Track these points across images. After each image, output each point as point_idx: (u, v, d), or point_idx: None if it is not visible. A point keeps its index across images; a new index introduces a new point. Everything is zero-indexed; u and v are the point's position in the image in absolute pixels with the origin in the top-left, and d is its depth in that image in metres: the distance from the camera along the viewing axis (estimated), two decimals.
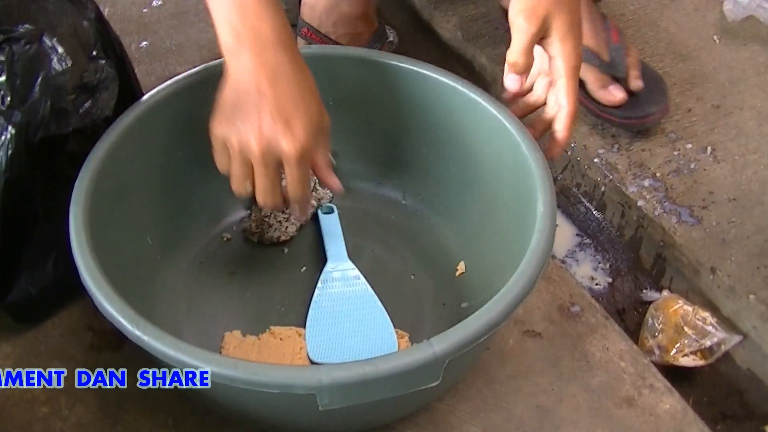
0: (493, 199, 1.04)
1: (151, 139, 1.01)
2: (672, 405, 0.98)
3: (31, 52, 0.94)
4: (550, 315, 1.07)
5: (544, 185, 0.91)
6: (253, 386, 0.75)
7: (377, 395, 0.77)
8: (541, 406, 0.98)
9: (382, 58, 1.08)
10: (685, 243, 1.15)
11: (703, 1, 1.52)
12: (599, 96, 1.27)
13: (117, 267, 0.88)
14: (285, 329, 1.00)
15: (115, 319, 0.80)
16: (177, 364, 0.77)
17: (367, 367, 0.75)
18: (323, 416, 0.80)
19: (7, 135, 0.92)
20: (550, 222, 0.88)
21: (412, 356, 0.76)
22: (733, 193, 1.21)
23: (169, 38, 1.50)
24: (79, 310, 1.06)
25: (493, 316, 0.79)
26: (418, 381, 0.78)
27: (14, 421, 0.96)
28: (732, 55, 1.42)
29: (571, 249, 1.29)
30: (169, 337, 0.78)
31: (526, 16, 0.92)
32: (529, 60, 0.95)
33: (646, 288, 1.22)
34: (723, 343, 1.10)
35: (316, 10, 1.37)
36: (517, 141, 0.96)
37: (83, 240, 0.86)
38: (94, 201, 0.90)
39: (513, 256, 0.89)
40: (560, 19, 0.93)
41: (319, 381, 0.74)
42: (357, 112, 1.11)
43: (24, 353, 1.02)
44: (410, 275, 1.08)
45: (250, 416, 0.88)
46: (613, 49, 1.26)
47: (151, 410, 0.96)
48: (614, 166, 1.25)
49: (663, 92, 1.29)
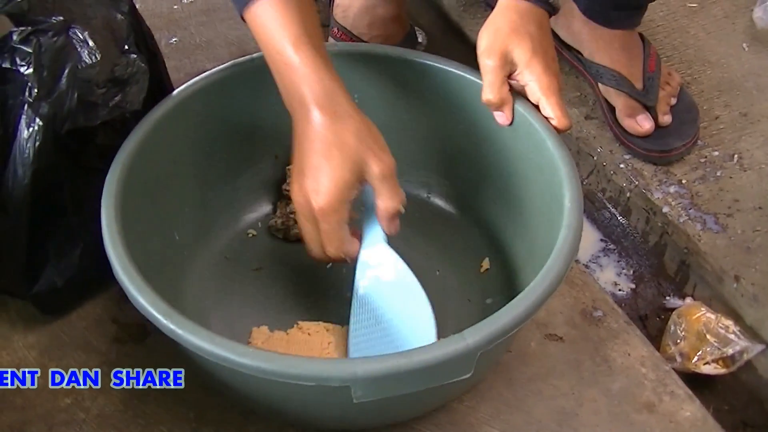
0: (518, 196, 1.05)
1: (180, 134, 1.02)
2: (692, 412, 0.98)
3: (59, 44, 0.95)
4: (573, 319, 1.07)
5: (570, 181, 0.91)
6: (288, 379, 0.75)
7: (410, 387, 0.78)
8: (561, 409, 0.98)
9: (410, 56, 1.09)
10: (709, 250, 1.15)
11: (732, 8, 1.51)
12: (626, 124, 1.26)
13: (145, 261, 0.88)
14: (313, 324, 1.01)
15: (149, 312, 0.81)
16: (212, 357, 0.77)
17: (401, 359, 0.75)
18: (354, 409, 0.80)
19: (34, 126, 0.93)
20: (578, 217, 0.88)
21: (445, 348, 0.76)
22: (759, 201, 1.20)
23: (198, 35, 1.51)
24: (103, 303, 1.07)
25: (523, 310, 0.80)
26: (450, 373, 0.79)
27: (37, 411, 0.96)
28: (761, 62, 1.41)
29: (594, 254, 1.28)
30: (204, 330, 0.78)
31: (486, 55, 0.97)
32: (501, 95, 0.98)
33: (669, 295, 1.22)
34: (745, 352, 1.10)
35: (350, 11, 1.37)
36: (543, 138, 0.96)
37: (115, 233, 0.87)
38: (125, 195, 0.91)
39: (539, 253, 0.90)
40: (520, 49, 0.96)
41: (353, 373, 0.75)
42: (383, 110, 1.10)
43: (48, 344, 1.03)
44: (435, 271, 1.09)
45: (280, 410, 0.89)
46: (648, 77, 1.25)
47: (172, 403, 0.97)
48: (640, 172, 1.25)
49: (693, 125, 1.27)
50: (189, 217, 1.06)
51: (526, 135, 0.99)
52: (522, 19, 0.97)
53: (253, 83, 1.06)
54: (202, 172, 1.07)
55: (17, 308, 1.05)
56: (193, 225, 1.07)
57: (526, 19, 0.98)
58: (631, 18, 1.27)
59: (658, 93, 1.25)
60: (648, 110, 1.25)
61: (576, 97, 1.36)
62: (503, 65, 0.97)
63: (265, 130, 1.11)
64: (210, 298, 1.05)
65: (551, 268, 0.84)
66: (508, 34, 0.96)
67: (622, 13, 1.26)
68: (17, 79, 0.94)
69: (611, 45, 1.27)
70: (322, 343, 0.99)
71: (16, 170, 0.94)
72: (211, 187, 1.09)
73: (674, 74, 1.30)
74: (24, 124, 0.93)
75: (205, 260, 1.08)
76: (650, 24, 1.47)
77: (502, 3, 1.00)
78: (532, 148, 0.98)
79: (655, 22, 1.48)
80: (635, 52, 1.27)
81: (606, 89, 1.28)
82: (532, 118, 0.98)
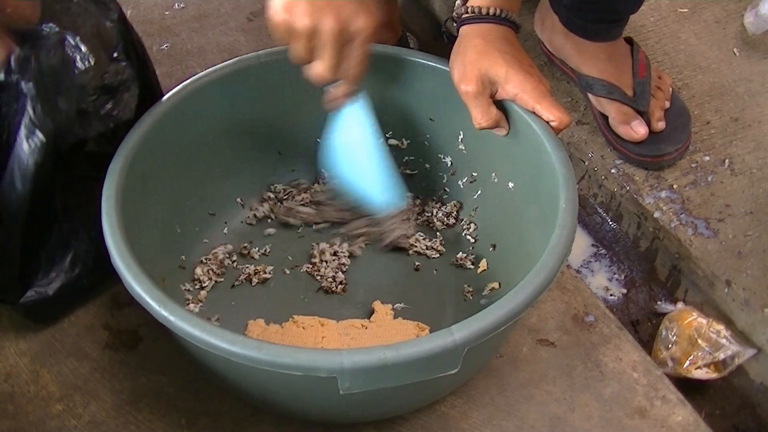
0: (515, 197, 1.06)
1: (180, 131, 1.04)
2: (684, 417, 0.98)
3: (56, 59, 0.95)
4: (564, 324, 1.07)
5: (566, 183, 0.92)
6: (276, 368, 0.76)
7: (397, 380, 0.79)
8: (554, 414, 0.98)
9: (413, 57, 1.10)
10: (700, 255, 1.15)
11: (723, 13, 1.51)
12: (620, 131, 1.26)
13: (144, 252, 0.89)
14: (308, 318, 1.02)
15: (143, 300, 0.82)
16: (204, 345, 0.78)
17: (388, 351, 0.76)
18: (342, 401, 0.81)
19: (36, 141, 0.93)
20: (572, 218, 0.89)
21: (433, 342, 0.77)
22: (750, 206, 1.20)
23: (190, 41, 1.51)
24: (95, 310, 1.07)
25: (512, 307, 0.81)
26: (437, 367, 0.79)
27: (29, 418, 0.96)
28: (752, 68, 1.41)
29: (586, 259, 1.29)
30: (195, 318, 0.79)
31: (464, 84, 0.99)
32: (492, 116, 1.00)
33: (660, 299, 1.22)
34: (737, 357, 1.10)
35: None
36: (541, 140, 0.97)
37: (114, 224, 0.88)
38: (125, 186, 0.92)
39: (533, 253, 0.91)
40: (494, 67, 0.98)
41: (340, 364, 0.76)
42: (389, 111, 1.13)
43: (40, 350, 1.03)
44: (433, 270, 1.11)
45: (273, 401, 0.90)
46: (638, 83, 1.25)
47: (164, 410, 0.97)
48: (631, 177, 1.25)
49: (685, 130, 1.27)
50: (190, 210, 1.08)
51: (525, 137, 1.00)
52: (486, 40, 0.99)
53: (255, 81, 1.08)
54: (204, 167, 1.09)
55: (9, 315, 1.05)
56: (194, 219, 1.09)
57: (490, 39, 1.00)
58: (611, 30, 1.27)
59: (649, 97, 1.25)
60: (641, 115, 1.25)
61: (567, 103, 1.36)
62: (483, 89, 0.98)
63: (267, 128, 1.13)
64: (207, 290, 1.07)
65: (542, 267, 0.84)
66: (477, 59, 0.98)
67: (602, 26, 1.25)
68: (16, 92, 0.94)
69: (597, 56, 1.27)
70: (316, 337, 1.00)
71: (14, 182, 0.94)
72: (212, 182, 1.11)
73: (665, 77, 1.30)
74: (23, 137, 0.93)
75: (204, 253, 1.10)
76: (641, 29, 1.47)
77: (463, 30, 1.02)
78: (529, 148, 0.99)
79: (646, 28, 1.48)
80: (623, 61, 1.27)
81: (597, 98, 1.28)
82: (530, 120, 0.99)
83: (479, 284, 1.08)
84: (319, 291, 1.08)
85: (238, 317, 1.03)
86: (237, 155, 1.12)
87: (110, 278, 0.94)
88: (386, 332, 1.02)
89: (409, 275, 1.10)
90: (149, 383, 1.00)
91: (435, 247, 1.13)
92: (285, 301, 1.06)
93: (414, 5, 1.67)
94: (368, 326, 1.02)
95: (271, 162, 1.16)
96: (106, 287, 1.08)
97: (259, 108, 1.10)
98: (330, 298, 1.07)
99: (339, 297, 1.07)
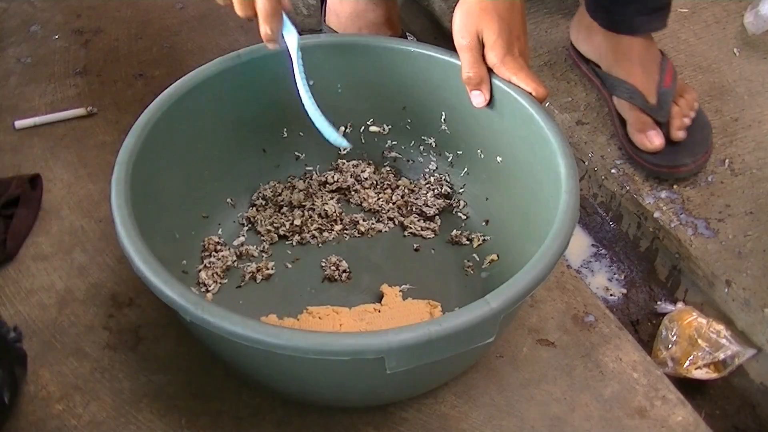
0: (504, 170, 1.09)
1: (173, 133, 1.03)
2: (684, 417, 0.98)
3: None
4: (564, 324, 1.07)
5: (563, 151, 0.95)
6: (324, 356, 0.77)
7: (440, 354, 0.80)
8: (554, 414, 0.98)
9: (390, 43, 1.12)
10: (700, 255, 1.15)
11: (723, 13, 1.52)
12: (636, 139, 1.25)
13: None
14: (322, 308, 1.03)
15: (177, 304, 0.81)
16: (247, 341, 0.78)
17: (432, 326, 0.77)
18: (384, 381, 0.83)
19: None
20: (575, 183, 0.92)
21: (472, 313, 0.79)
22: (750, 206, 1.20)
23: (190, 41, 1.51)
24: (95, 310, 1.07)
25: (538, 271, 0.84)
26: (476, 337, 0.81)
27: (28, 419, 0.96)
28: (752, 68, 1.42)
29: (586, 259, 1.29)
30: (236, 315, 0.79)
31: (461, 35, 1.01)
32: (479, 71, 1.02)
33: (660, 299, 1.22)
34: (737, 357, 1.10)
35: (342, 16, 1.37)
36: (528, 112, 0.99)
37: (126, 215, 0.88)
38: (134, 205, 0.91)
39: (535, 223, 0.95)
40: (488, 29, 1.00)
41: (388, 344, 0.77)
42: (368, 98, 1.15)
43: (40, 350, 1.02)
44: (431, 249, 1.13)
45: (309, 390, 0.91)
46: (662, 92, 1.25)
47: (165, 410, 0.97)
48: (631, 177, 1.25)
49: (704, 143, 1.26)
50: (186, 215, 1.08)
51: (511, 112, 1.02)
52: None
53: (242, 79, 1.09)
54: (195, 170, 1.09)
55: None
56: (189, 223, 1.09)
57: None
58: (651, 22, 1.28)
59: (670, 110, 1.24)
60: (660, 126, 1.24)
61: (567, 102, 1.36)
62: (477, 44, 1.01)
63: (250, 126, 1.13)
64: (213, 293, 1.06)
65: (559, 230, 0.87)
66: (479, 14, 1.00)
67: (643, 18, 1.26)
68: None
69: (629, 58, 1.27)
70: (334, 326, 1.01)
71: None
72: (202, 185, 1.10)
73: (691, 91, 1.29)
74: None
75: (205, 256, 1.10)
76: None
77: None
78: (517, 121, 1.01)
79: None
80: (652, 68, 1.26)
81: (620, 103, 1.28)
82: (516, 94, 1.01)
83: (478, 258, 1.10)
84: (324, 281, 1.08)
85: (249, 315, 1.01)
86: (223, 156, 1.12)
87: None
88: (400, 313, 1.03)
89: (410, 257, 1.12)
90: (149, 383, 1.00)
91: (430, 228, 1.14)
92: (292, 295, 1.07)
93: (414, 5, 1.67)
94: (381, 309, 1.03)
95: (256, 160, 1.17)
96: (106, 287, 1.08)
97: (242, 107, 1.11)
98: (336, 286, 1.08)
99: (345, 285, 1.08)
